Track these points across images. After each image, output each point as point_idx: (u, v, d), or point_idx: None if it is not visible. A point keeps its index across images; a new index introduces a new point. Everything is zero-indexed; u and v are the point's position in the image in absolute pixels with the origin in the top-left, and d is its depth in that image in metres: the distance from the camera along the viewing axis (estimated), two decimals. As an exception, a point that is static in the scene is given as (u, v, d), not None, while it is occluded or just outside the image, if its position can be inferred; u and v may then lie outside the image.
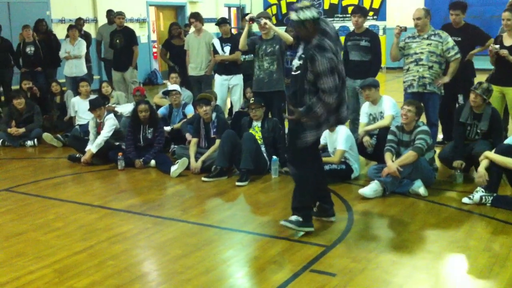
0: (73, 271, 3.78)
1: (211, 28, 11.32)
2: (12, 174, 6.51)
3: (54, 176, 6.34)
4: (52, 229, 4.60)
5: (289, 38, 6.52)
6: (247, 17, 6.77)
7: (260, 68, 6.77)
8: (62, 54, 9.77)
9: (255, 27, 7.81)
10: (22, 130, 7.92)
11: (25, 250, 4.17)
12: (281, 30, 6.82)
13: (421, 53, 6.16)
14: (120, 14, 9.73)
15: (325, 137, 5.96)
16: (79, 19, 11.67)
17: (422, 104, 5.71)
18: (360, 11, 6.97)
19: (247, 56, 7.89)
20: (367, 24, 7.23)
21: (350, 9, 16.90)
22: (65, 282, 3.61)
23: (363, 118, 6.21)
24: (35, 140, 7.90)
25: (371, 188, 5.18)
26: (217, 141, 6.29)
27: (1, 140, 7.97)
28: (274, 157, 6.07)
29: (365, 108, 6.22)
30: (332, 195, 5.30)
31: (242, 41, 6.74)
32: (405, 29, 6.42)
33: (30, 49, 9.78)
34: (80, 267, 3.83)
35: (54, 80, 9.31)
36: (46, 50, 9.89)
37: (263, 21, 6.52)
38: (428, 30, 6.19)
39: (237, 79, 7.97)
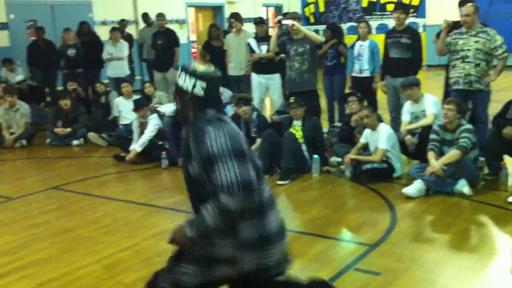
0: (121, 267, 3.88)
1: (249, 28, 11.38)
2: (59, 172, 6.71)
3: (100, 174, 6.51)
4: (100, 226, 4.73)
5: (317, 38, 6.57)
6: (275, 20, 6.84)
7: (291, 69, 6.79)
8: (105, 55, 9.95)
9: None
10: (68, 130, 8.13)
11: (74, 246, 4.31)
12: (309, 31, 6.83)
13: (468, 50, 6.00)
14: (161, 15, 9.85)
15: (366, 135, 5.93)
16: (122, 20, 11.88)
17: (463, 102, 5.60)
18: (402, 7, 6.92)
19: (283, 55, 7.92)
20: (407, 21, 7.14)
21: (388, 6, 16.72)
22: (113, 278, 3.72)
23: (405, 117, 6.15)
24: (81, 139, 8.13)
25: (415, 188, 5.13)
26: (258, 140, 6.34)
27: (48, 139, 8.23)
28: (315, 155, 6.08)
29: (407, 107, 6.16)
30: (375, 194, 5.31)
31: (272, 43, 6.86)
32: (453, 23, 6.31)
33: (71, 51, 9.92)
34: (127, 263, 3.94)
35: (98, 80, 9.54)
36: (89, 52, 10.09)
37: (291, 22, 6.54)
38: (476, 27, 6.04)
39: (275, 78, 8.00)
